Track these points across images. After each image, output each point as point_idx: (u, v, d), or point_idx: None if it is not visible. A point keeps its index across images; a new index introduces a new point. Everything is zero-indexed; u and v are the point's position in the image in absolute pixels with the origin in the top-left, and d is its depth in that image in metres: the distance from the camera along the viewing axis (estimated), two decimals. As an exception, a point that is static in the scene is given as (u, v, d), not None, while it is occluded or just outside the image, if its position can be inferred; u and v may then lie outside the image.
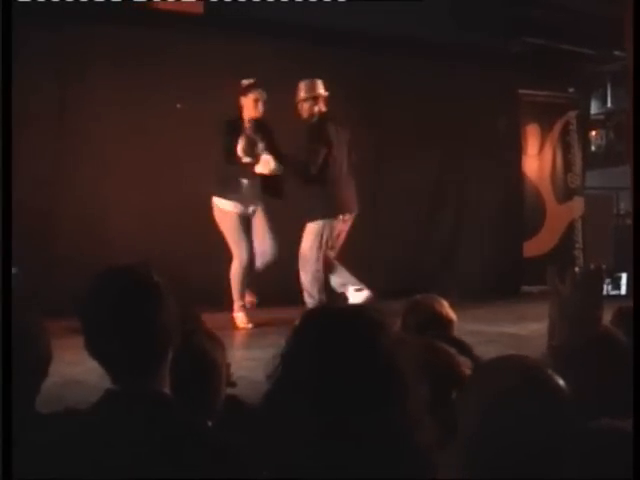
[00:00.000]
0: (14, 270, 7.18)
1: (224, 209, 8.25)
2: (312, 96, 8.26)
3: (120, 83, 9.30)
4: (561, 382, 1.82)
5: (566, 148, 12.67)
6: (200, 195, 9.28)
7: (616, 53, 11.51)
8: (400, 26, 10.22)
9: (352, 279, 8.21)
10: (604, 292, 2.64)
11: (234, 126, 8.15)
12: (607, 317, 3.31)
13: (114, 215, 9.20)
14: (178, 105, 9.45)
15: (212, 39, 9.66)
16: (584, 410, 2.08)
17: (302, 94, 8.31)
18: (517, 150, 12.20)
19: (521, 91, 12.07)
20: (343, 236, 8.34)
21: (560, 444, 1.76)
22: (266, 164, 8.04)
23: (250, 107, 8.15)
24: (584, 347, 2.52)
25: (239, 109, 8.23)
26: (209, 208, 8.61)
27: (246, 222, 8.25)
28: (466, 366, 2.97)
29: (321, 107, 8.30)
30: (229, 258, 8.48)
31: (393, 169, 10.25)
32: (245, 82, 8.21)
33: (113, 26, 9.15)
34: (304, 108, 8.30)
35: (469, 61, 11.17)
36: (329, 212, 8.17)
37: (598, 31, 11.06)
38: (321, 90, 8.32)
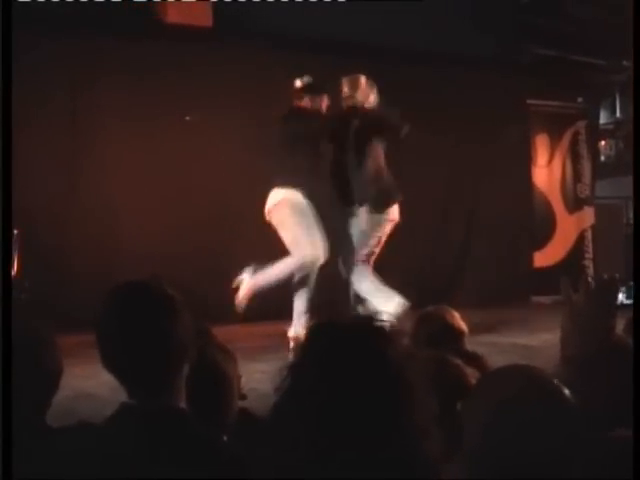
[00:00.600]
0: (25, 284, 7.23)
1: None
2: (356, 93, 7.88)
3: (131, 94, 9.33)
4: (567, 392, 1.81)
5: (575, 158, 12.67)
6: (210, 204, 9.33)
7: (625, 63, 11.50)
8: (407, 35, 10.22)
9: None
10: (617, 301, 2.62)
11: (294, 115, 7.70)
12: (620, 327, 3.31)
13: (127, 229, 9.22)
14: (187, 117, 9.48)
15: (221, 51, 9.68)
16: (598, 420, 2.07)
17: (346, 90, 7.91)
18: (526, 160, 12.20)
19: (530, 101, 12.07)
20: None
21: (566, 453, 1.75)
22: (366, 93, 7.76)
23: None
24: (597, 357, 2.51)
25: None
26: (220, 217, 8.58)
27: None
28: (474, 377, 2.97)
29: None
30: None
31: (401, 178, 10.23)
32: (299, 83, 7.80)
33: (125, 38, 9.19)
34: (349, 105, 7.90)
35: (478, 71, 11.17)
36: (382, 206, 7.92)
37: (607, 41, 11.07)
38: (364, 87, 7.94)
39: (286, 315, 7.63)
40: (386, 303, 7.57)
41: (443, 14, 10.57)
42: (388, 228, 7.95)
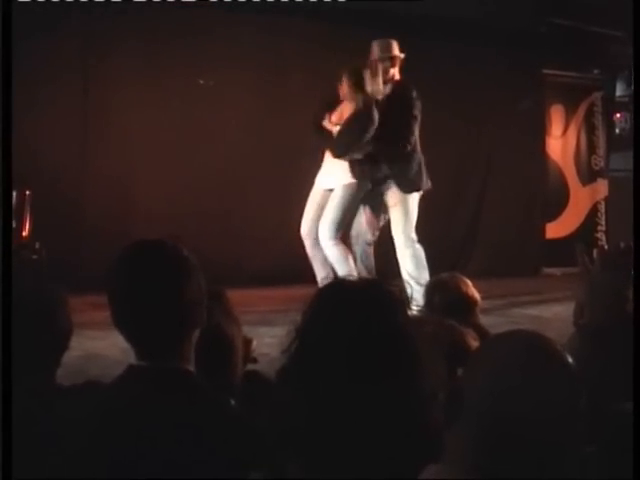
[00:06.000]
0: (37, 245, 7.24)
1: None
2: (387, 57, 7.64)
3: (144, 58, 9.30)
4: (569, 358, 1.80)
5: (590, 130, 12.63)
6: (226, 167, 9.33)
7: (644, 35, 11.42)
8: (422, 5, 10.13)
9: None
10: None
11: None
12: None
13: (140, 191, 9.22)
14: (201, 81, 9.44)
15: (235, 16, 9.62)
16: (612, 390, 2.06)
17: (377, 53, 7.65)
18: (541, 131, 12.15)
19: (546, 71, 12.00)
20: None
21: (568, 419, 1.74)
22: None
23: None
24: (613, 327, 2.49)
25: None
26: (235, 179, 8.56)
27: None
28: (471, 336, 2.97)
29: (396, 72, 7.69)
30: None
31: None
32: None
33: (137, 3, 9.12)
34: (379, 69, 7.58)
35: (495, 41, 11.10)
36: (421, 183, 7.75)
37: (625, 13, 10.97)
38: (397, 51, 7.70)
39: (301, 279, 7.64)
40: None
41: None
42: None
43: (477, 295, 4.09)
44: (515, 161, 11.40)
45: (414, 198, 7.74)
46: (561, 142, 12.44)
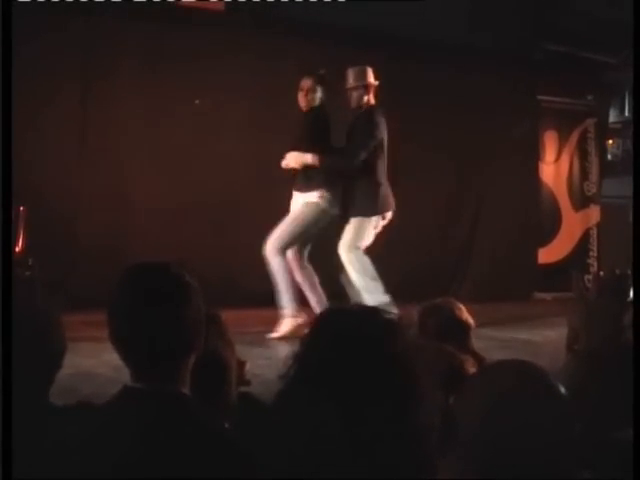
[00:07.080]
0: (30, 261, 7.23)
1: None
2: (362, 85, 7.74)
3: (142, 77, 9.31)
4: (560, 387, 1.80)
5: (583, 156, 12.66)
6: (220, 187, 9.33)
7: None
8: (416, 30, 10.18)
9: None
10: (629, 297, 2.62)
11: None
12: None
13: (135, 209, 9.21)
14: (197, 101, 9.46)
15: (232, 36, 9.66)
16: (609, 416, 2.06)
17: (351, 82, 7.77)
18: (535, 157, 12.18)
19: (540, 97, 12.05)
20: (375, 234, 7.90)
21: (560, 450, 1.74)
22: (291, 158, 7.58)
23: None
24: (611, 353, 2.49)
25: None
26: (229, 200, 8.55)
27: None
28: (470, 363, 2.97)
29: (370, 98, 7.76)
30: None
31: (410, 174, 10.19)
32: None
33: (136, 21, 9.15)
34: (353, 97, 7.77)
35: (488, 67, 11.15)
36: (376, 209, 7.75)
37: (619, 39, 11.05)
38: (371, 79, 7.78)
39: (296, 300, 7.63)
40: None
41: (456, 8, 10.54)
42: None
43: (471, 320, 4.09)
44: (509, 186, 11.42)
45: (369, 223, 7.78)
46: (554, 168, 12.47)
